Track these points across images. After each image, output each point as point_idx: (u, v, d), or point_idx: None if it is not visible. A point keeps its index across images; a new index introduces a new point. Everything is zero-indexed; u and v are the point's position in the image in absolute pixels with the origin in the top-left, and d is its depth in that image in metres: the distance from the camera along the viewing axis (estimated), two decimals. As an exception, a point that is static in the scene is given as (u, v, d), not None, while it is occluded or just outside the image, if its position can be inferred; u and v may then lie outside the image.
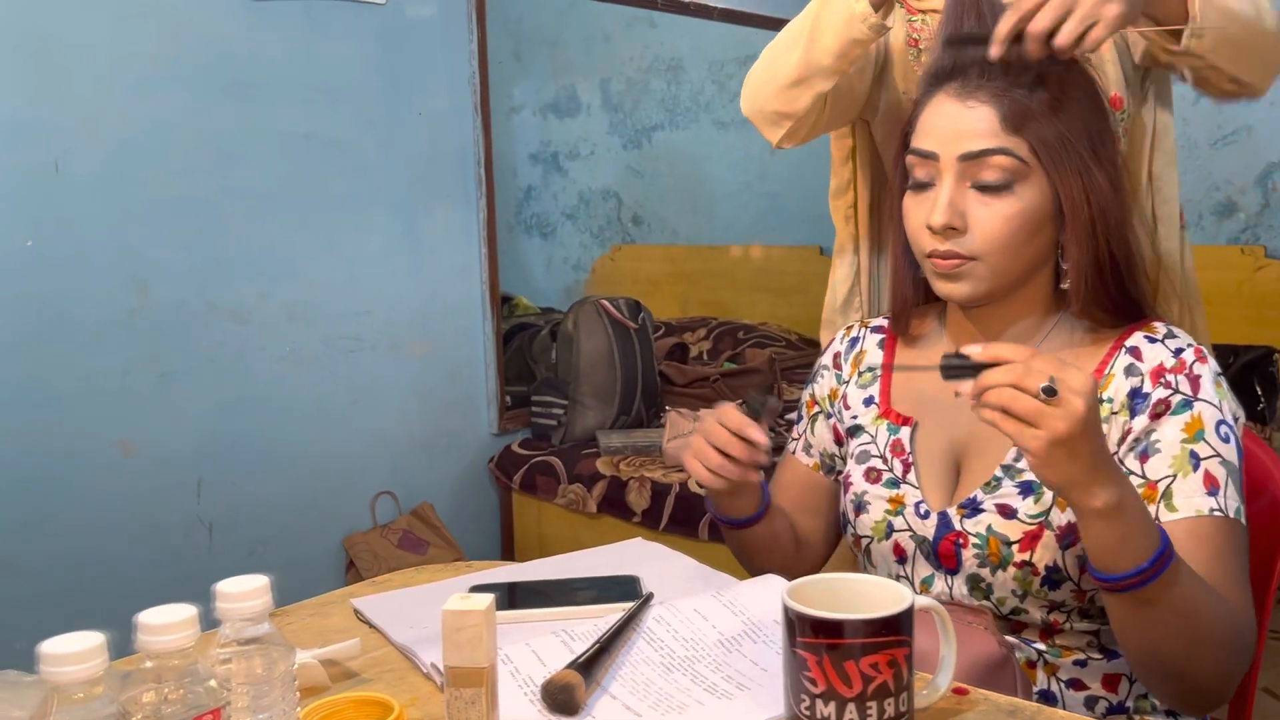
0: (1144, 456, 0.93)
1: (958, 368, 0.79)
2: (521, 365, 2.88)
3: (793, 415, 1.21)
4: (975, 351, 0.78)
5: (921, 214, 0.95)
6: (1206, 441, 0.91)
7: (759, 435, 0.95)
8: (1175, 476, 0.90)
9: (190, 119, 2.07)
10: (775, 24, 3.27)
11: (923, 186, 0.96)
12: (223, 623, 0.61)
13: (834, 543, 1.17)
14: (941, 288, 0.97)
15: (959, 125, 0.93)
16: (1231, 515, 0.89)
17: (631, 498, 2.32)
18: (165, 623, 0.55)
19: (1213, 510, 0.89)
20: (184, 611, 0.56)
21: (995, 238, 0.92)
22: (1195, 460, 0.90)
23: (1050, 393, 0.75)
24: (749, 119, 1.29)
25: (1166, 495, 0.91)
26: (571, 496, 2.43)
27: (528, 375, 2.86)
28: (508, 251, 2.71)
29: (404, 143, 2.40)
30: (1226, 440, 0.91)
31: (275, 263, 2.21)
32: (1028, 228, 0.93)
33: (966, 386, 0.79)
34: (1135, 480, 0.91)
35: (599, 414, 2.62)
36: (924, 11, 1.26)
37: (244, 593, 0.61)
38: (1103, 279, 0.96)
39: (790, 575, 1.09)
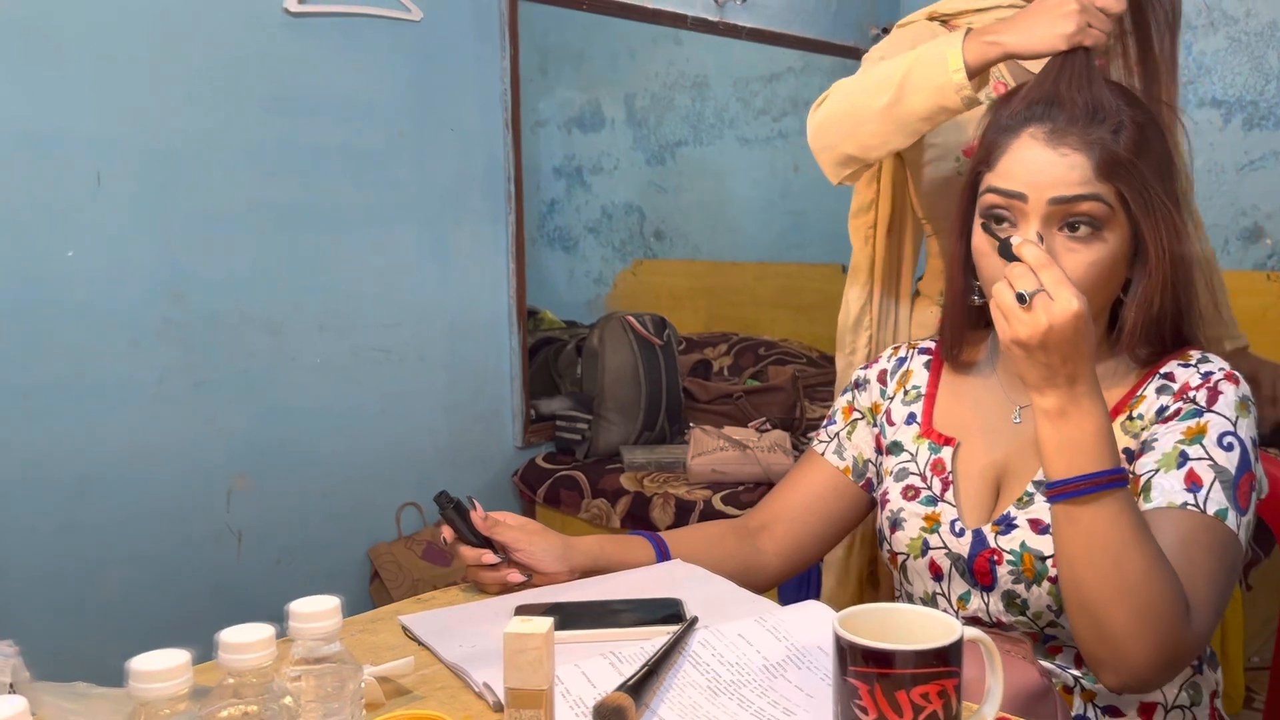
0: (1140, 453, 0.95)
1: (1007, 252, 0.90)
2: (546, 379, 2.89)
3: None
4: (1015, 243, 0.89)
5: None
6: (1203, 445, 0.93)
7: (490, 558, 1.03)
8: (1158, 471, 0.93)
9: (228, 132, 2.10)
10: (802, 44, 3.30)
11: (1001, 223, 0.97)
12: (295, 641, 0.63)
13: (827, 548, 1.20)
14: None
15: (1052, 171, 0.94)
16: (1210, 514, 0.90)
17: (655, 514, 2.33)
18: (246, 641, 0.57)
19: (1186, 504, 0.90)
20: (263, 631, 0.58)
21: (1080, 282, 0.93)
22: (1183, 459, 0.92)
23: (1021, 299, 0.85)
24: (813, 152, 1.29)
25: (1145, 488, 0.93)
26: (595, 511, 2.45)
27: (552, 389, 2.88)
28: (530, 264, 2.73)
29: (436, 157, 2.43)
30: (1229, 449, 0.93)
31: (308, 274, 2.24)
32: (1108, 272, 0.96)
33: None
34: None
35: (623, 429, 2.64)
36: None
37: (317, 613, 0.62)
38: (1161, 322, 0.98)
39: (760, 579, 1.13)
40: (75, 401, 1.94)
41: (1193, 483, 0.91)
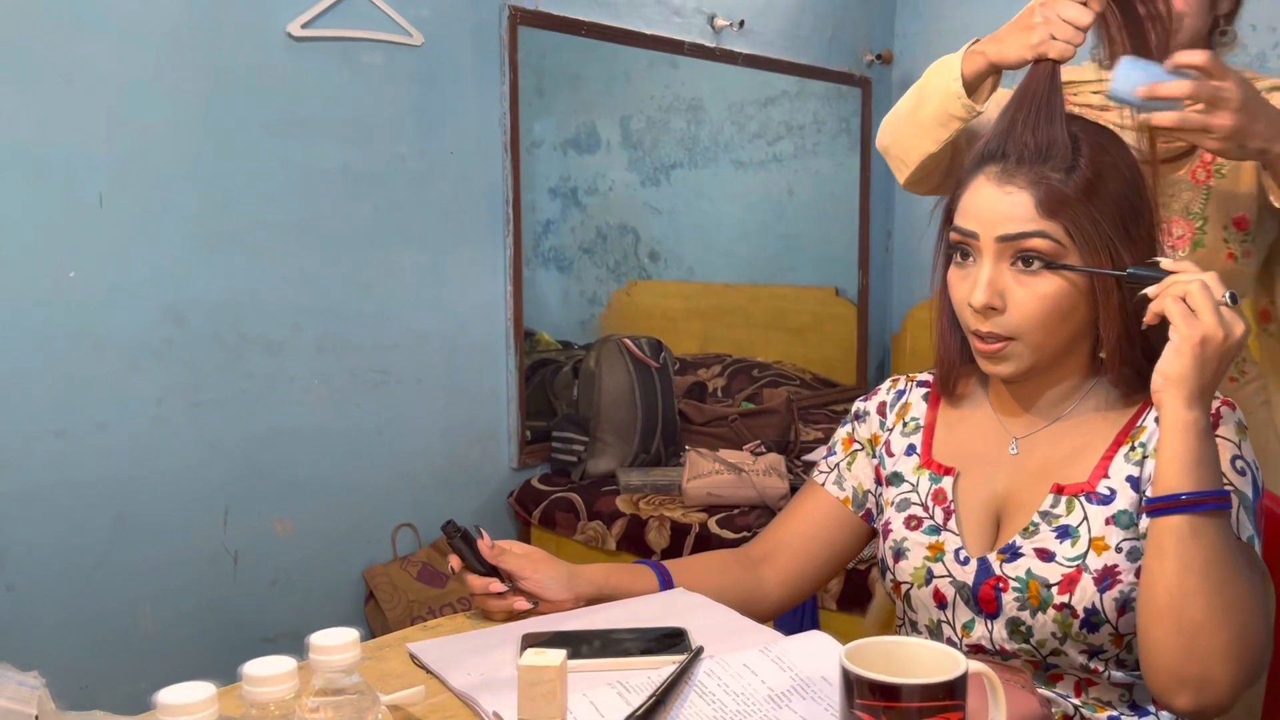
0: (1148, 481, 0.97)
1: (1144, 275, 0.93)
2: (543, 401, 2.90)
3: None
4: (1167, 263, 0.93)
5: (965, 289, 1.01)
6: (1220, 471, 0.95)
7: (497, 586, 1.05)
8: None
9: (229, 154, 2.12)
10: (798, 70, 3.33)
11: (965, 259, 1.01)
12: (315, 673, 0.64)
13: (828, 577, 1.22)
14: (986, 367, 1.03)
15: (997, 209, 0.98)
16: (1243, 540, 0.93)
17: (651, 536, 2.34)
18: (269, 674, 0.58)
19: None
20: (285, 664, 0.59)
21: (1032, 316, 0.97)
22: None
23: (1234, 300, 0.89)
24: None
25: None
26: (591, 533, 2.46)
27: (548, 411, 2.89)
28: (525, 284, 2.76)
29: (435, 180, 2.44)
30: (1243, 474, 0.96)
31: (307, 295, 2.25)
32: (1063, 306, 0.98)
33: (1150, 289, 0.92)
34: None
35: (619, 451, 2.65)
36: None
37: (337, 646, 0.63)
38: (1134, 351, 1.00)
39: (762, 608, 1.15)
40: (74, 421, 1.95)
41: None
